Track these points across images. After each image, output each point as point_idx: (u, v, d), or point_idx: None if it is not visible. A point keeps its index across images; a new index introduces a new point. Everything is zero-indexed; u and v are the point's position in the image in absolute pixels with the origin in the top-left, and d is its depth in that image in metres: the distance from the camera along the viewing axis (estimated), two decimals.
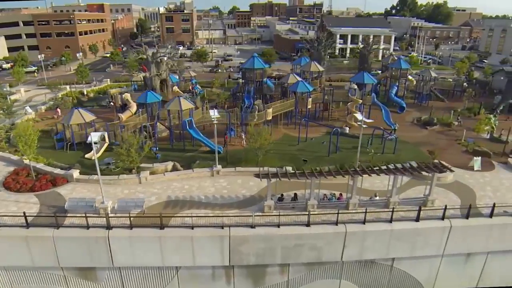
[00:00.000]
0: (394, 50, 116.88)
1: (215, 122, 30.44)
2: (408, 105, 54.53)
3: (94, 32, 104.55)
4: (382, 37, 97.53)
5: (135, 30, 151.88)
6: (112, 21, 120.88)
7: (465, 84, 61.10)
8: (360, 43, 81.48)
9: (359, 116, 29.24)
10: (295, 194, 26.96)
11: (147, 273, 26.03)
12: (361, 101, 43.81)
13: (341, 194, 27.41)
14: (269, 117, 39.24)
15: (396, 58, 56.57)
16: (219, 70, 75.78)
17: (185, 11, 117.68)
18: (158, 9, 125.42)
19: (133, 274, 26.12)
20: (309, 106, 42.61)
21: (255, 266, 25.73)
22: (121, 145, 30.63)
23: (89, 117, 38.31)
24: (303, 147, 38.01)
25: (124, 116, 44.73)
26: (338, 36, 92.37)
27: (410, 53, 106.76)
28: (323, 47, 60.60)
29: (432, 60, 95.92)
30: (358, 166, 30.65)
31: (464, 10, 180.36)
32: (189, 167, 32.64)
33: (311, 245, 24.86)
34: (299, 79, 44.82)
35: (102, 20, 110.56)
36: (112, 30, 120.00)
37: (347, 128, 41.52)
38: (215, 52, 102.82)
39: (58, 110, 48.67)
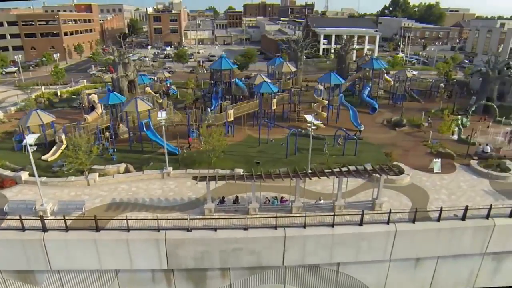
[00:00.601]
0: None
1: (162, 124, 29.85)
2: (383, 106, 54.01)
3: (81, 33, 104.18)
4: (367, 37, 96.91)
5: (126, 30, 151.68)
6: (101, 21, 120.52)
7: (441, 84, 60.39)
8: (336, 44, 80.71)
9: (308, 117, 28.60)
10: (236, 197, 26.39)
11: (87, 276, 25.52)
12: (326, 102, 43.27)
13: (282, 198, 26.82)
14: (230, 119, 38.66)
15: (368, 58, 55.79)
16: (200, 71, 75.29)
17: (173, 12, 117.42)
18: (146, 9, 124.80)
19: (73, 277, 25.61)
20: (274, 107, 42.04)
21: (195, 269, 25.22)
22: (69, 147, 30.14)
23: (47, 118, 37.83)
24: (263, 148, 37.43)
25: (90, 117, 44.36)
26: (322, 37, 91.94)
27: (398, 54, 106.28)
28: (300, 47, 60.06)
29: (417, 61, 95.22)
30: (310, 169, 30.27)
31: (457, 11, 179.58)
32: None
33: (250, 249, 24.30)
34: (267, 80, 44.27)
35: (89, 21, 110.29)
36: (101, 30, 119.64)
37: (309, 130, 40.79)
38: (201, 53, 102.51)
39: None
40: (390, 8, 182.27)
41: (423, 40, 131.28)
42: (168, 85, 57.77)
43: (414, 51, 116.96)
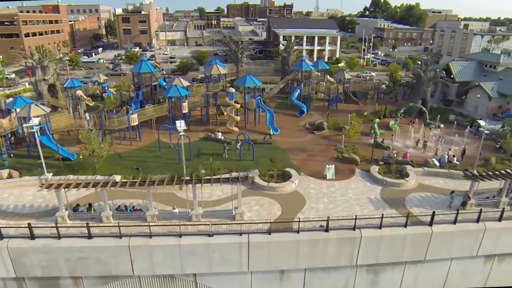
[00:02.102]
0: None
1: (32, 130, 29.05)
2: (317, 108, 53.16)
3: (46, 34, 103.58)
4: (327, 38, 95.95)
5: (103, 31, 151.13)
6: (71, 22, 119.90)
7: (383, 86, 59.44)
8: (281, 45, 79.82)
9: (178, 123, 27.75)
10: (90, 204, 25.62)
11: None
12: (238, 106, 42.50)
13: (133, 206, 26.02)
14: (134, 123, 37.88)
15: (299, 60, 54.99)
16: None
17: (142, 13, 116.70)
18: (115, 10, 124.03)
19: None
20: (185, 111, 41.25)
21: (46, 278, 24.48)
22: None
23: None
24: (163, 153, 36.62)
25: (4, 121, 43.62)
26: (281, 38, 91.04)
27: (367, 55, 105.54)
28: (240, 49, 59.28)
29: (379, 61, 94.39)
30: (190, 175, 29.57)
31: (440, 12, 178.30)
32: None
33: (96, 258, 23.49)
34: (184, 81, 43.54)
35: (56, 21, 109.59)
36: (71, 31, 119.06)
37: (219, 134, 40.06)
38: (167, 54, 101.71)
39: None
40: (371, 9, 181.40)
41: (393, 41, 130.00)
42: (105, 88, 56.99)
43: (385, 52, 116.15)
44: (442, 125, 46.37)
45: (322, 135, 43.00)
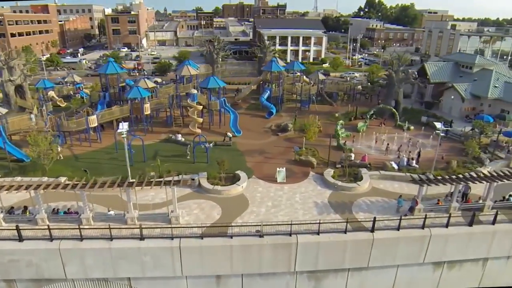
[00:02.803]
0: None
1: None
2: (289, 109, 52.61)
3: (34, 34, 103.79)
4: (312, 38, 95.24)
5: (96, 31, 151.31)
6: (61, 22, 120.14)
7: (359, 86, 58.79)
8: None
9: (120, 125, 27.43)
10: (25, 207, 25.39)
11: None
12: (200, 107, 42.15)
13: (68, 209, 25.75)
14: (93, 124, 37.64)
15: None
16: (132, 74, 74.37)
17: (132, 13, 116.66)
18: (104, 10, 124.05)
19: None
20: (147, 112, 40.98)
21: None
22: None
23: None
24: (119, 155, 36.13)
25: None
26: (265, 38, 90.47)
27: (355, 55, 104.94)
28: (216, 50, 59.02)
29: (366, 62, 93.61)
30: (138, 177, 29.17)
31: (436, 13, 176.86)
32: None
33: (27, 261, 23.23)
34: (150, 82, 43.29)
35: (45, 21, 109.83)
36: (61, 31, 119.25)
37: (179, 135, 39.72)
38: (153, 54, 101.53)
39: None
40: (366, 9, 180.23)
41: (383, 41, 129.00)
42: (79, 88, 56.86)
43: (374, 52, 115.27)
44: (412, 127, 45.83)
45: (286, 137, 42.56)
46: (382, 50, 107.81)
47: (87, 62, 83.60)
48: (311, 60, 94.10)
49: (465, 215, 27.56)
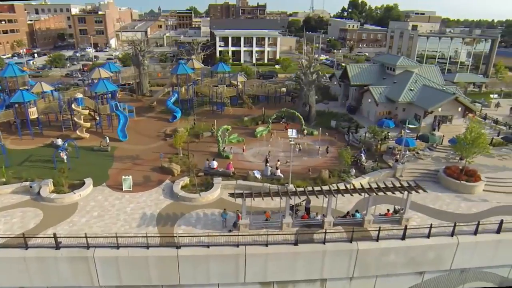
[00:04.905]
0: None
1: None
2: (203, 113, 50.67)
3: None
4: (267, 39, 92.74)
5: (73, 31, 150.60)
6: (30, 21, 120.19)
7: (283, 89, 56.47)
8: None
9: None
10: None
11: None
12: (86, 112, 40.60)
13: None
14: None
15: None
16: (74, 75, 73.40)
17: (99, 13, 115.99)
18: (70, 9, 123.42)
19: None
20: (33, 116, 39.69)
21: None
22: None
23: None
24: None
25: None
26: (217, 39, 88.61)
27: (319, 56, 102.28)
28: (141, 52, 57.46)
29: (328, 63, 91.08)
30: None
31: (423, 14, 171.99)
32: None
33: None
34: (46, 85, 42.08)
35: (10, 21, 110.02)
36: (30, 30, 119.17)
37: (60, 140, 38.12)
38: (113, 55, 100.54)
39: None
40: (349, 10, 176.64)
41: (351, 42, 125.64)
42: None
43: (344, 53, 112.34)
44: (316, 132, 43.48)
45: (171, 142, 40.62)
46: (350, 51, 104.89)
47: (34, 63, 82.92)
48: (265, 61, 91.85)
49: (303, 231, 25.51)
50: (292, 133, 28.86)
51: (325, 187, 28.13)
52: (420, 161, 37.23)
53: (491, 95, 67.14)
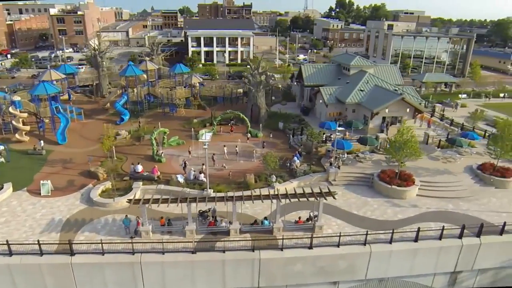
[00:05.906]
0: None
1: None
2: (155, 115, 49.97)
3: None
4: (239, 39, 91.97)
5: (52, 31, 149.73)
6: (10, 21, 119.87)
7: (239, 90, 55.73)
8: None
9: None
10: None
11: None
12: (25, 115, 40.09)
13: None
14: None
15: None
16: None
17: (78, 13, 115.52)
18: (48, 9, 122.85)
19: None
20: None
21: None
22: None
23: None
24: None
25: None
26: (189, 39, 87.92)
27: (298, 55, 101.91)
28: (100, 53, 56.93)
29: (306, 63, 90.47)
30: None
31: (413, 13, 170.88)
32: None
33: None
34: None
35: None
36: (9, 31, 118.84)
37: None
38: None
39: None
40: (337, 10, 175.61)
41: (332, 41, 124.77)
42: None
43: (324, 53, 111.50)
44: (261, 134, 42.86)
45: (114, 145, 39.98)
46: (329, 50, 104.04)
47: (3, 64, 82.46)
48: (239, 61, 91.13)
49: (206, 239, 24.89)
50: (205, 136, 28.10)
51: (247, 193, 27.87)
52: (359, 164, 36.47)
53: (460, 95, 66.53)
